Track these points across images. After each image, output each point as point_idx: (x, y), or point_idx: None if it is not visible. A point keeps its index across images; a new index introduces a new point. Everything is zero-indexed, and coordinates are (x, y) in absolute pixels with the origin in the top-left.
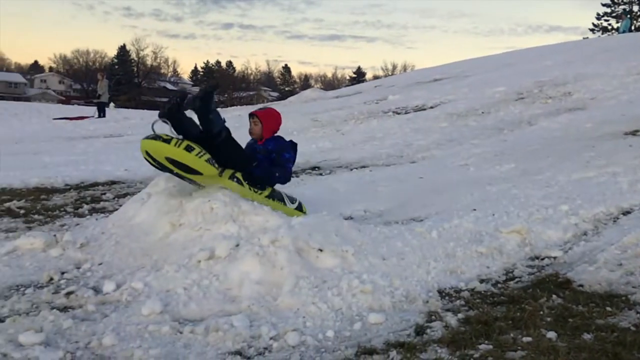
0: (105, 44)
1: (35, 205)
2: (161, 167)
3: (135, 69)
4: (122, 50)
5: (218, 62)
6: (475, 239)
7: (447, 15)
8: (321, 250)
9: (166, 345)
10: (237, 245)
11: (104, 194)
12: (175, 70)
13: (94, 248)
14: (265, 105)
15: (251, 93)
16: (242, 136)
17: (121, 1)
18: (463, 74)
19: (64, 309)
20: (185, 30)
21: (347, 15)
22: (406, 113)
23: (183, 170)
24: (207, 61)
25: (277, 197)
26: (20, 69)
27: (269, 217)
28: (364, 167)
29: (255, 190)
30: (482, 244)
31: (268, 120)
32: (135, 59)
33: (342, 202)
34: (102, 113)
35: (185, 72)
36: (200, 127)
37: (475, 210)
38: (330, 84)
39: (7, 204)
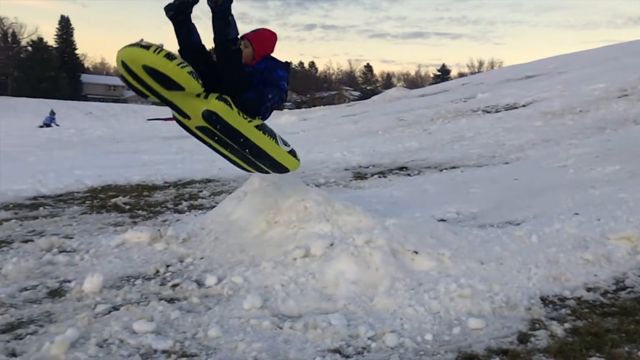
0: None
1: (139, 201)
2: (140, 83)
3: None
4: None
5: (301, 63)
6: (579, 245)
7: (536, 8)
8: (416, 253)
9: (267, 339)
10: (332, 245)
11: (201, 191)
12: None
13: (195, 243)
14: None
15: (333, 93)
16: (323, 139)
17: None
18: (557, 70)
19: (171, 300)
20: None
21: (431, 12)
22: (497, 112)
23: (162, 85)
24: (290, 62)
25: (267, 131)
26: (118, 73)
27: (361, 217)
28: (454, 167)
29: (245, 117)
30: (588, 250)
31: (259, 41)
32: None
33: (433, 203)
34: None
35: None
36: (214, 31)
37: (577, 214)
38: (413, 82)
39: (113, 200)
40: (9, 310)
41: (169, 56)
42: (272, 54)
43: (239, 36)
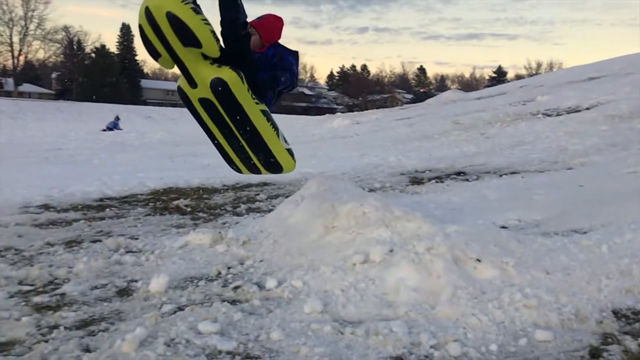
0: None
1: (199, 204)
2: (157, 35)
3: None
4: None
5: (353, 66)
6: None
7: (601, 6)
8: (479, 261)
9: (329, 344)
10: (391, 251)
11: (258, 194)
12: (312, 76)
13: (255, 245)
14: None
15: (385, 95)
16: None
17: (264, 11)
18: (623, 72)
19: (233, 302)
20: (323, 37)
21: (487, 13)
22: (558, 115)
23: (181, 38)
24: (343, 65)
25: (271, 120)
26: (176, 78)
27: (421, 224)
28: (514, 173)
29: (253, 97)
30: None
31: (265, 27)
32: None
33: (494, 210)
34: None
35: (321, 77)
36: (221, 16)
37: None
38: (468, 84)
39: (175, 202)
40: (81, 307)
41: (195, 10)
42: (280, 41)
43: (247, 20)
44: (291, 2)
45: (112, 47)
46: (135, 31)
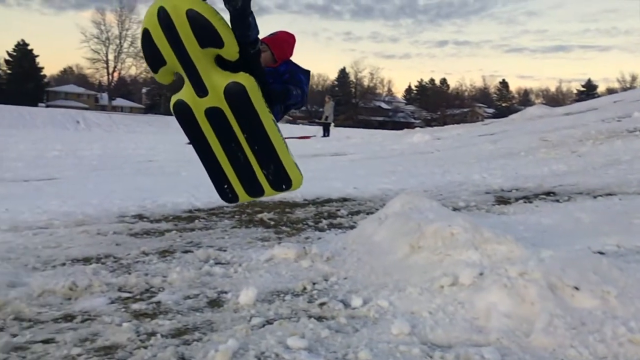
0: (327, 67)
1: (282, 218)
2: (170, 38)
3: (353, 90)
4: (342, 72)
5: (432, 80)
6: None
7: None
8: (577, 289)
9: None
10: (481, 274)
11: (338, 210)
12: (389, 90)
13: (339, 262)
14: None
15: (465, 110)
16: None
17: (342, 27)
18: None
19: (320, 319)
20: (401, 50)
21: (576, 24)
22: None
23: (200, 38)
24: (421, 79)
25: (281, 132)
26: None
27: (513, 247)
28: (610, 194)
29: (267, 107)
30: None
31: (277, 45)
32: (354, 80)
33: (588, 234)
34: (326, 132)
35: (399, 92)
36: (235, 29)
37: None
38: (553, 98)
39: (259, 215)
40: (176, 316)
41: (214, 11)
42: (292, 58)
43: (259, 38)
44: (370, 16)
45: None
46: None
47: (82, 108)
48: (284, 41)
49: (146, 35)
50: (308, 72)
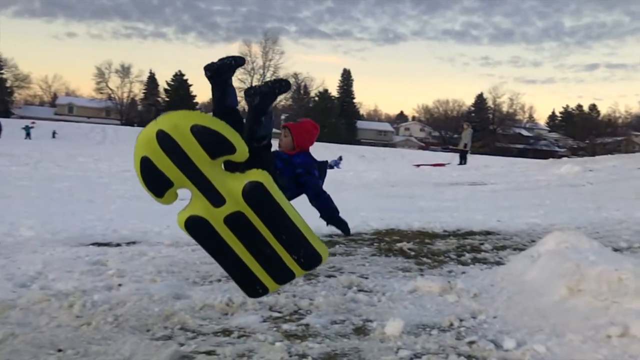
0: (463, 93)
1: (422, 249)
2: (176, 159)
3: (491, 116)
4: (479, 98)
5: (579, 106)
6: None
7: None
8: None
9: None
10: None
11: (482, 243)
12: (531, 116)
13: (486, 300)
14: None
15: (618, 138)
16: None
17: (480, 52)
18: None
19: (469, 357)
20: (544, 75)
21: None
22: None
23: (210, 150)
24: (567, 105)
25: (295, 209)
26: (388, 119)
27: None
28: None
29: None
30: None
31: (299, 133)
32: (492, 106)
33: None
34: (463, 160)
35: (541, 118)
36: (246, 122)
37: None
38: None
39: (399, 245)
40: (324, 340)
41: (215, 117)
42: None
43: (269, 133)
44: (510, 40)
45: (334, 91)
46: (355, 76)
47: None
48: (307, 131)
49: (146, 163)
50: (324, 163)
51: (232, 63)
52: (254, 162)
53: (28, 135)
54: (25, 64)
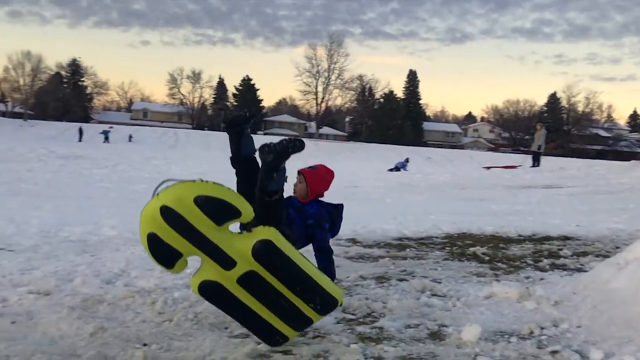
0: (534, 92)
1: (497, 253)
2: (183, 232)
3: (565, 116)
4: (552, 97)
5: None
6: None
7: None
8: None
9: None
10: None
11: (560, 249)
12: (609, 116)
13: (569, 308)
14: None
15: None
16: None
17: (552, 49)
18: None
19: None
20: (624, 72)
21: None
22: None
23: (216, 218)
24: (342, 204)
25: (307, 258)
26: (456, 120)
27: None
28: None
29: (290, 245)
30: None
31: (313, 180)
32: (566, 105)
33: None
34: (536, 162)
35: (621, 117)
36: (259, 176)
37: None
38: None
39: (472, 249)
40: (399, 344)
41: (215, 183)
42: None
43: (281, 188)
44: (586, 37)
45: (399, 92)
46: (421, 77)
47: (293, 136)
48: (321, 178)
49: (153, 239)
50: (339, 207)
51: (246, 114)
52: (265, 215)
53: (106, 139)
54: (103, 71)
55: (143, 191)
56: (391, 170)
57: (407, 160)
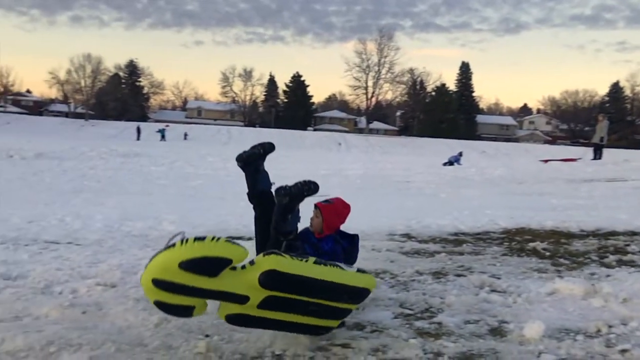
0: (595, 82)
1: (558, 249)
2: (181, 293)
3: (629, 106)
4: (615, 87)
5: None
6: None
7: None
8: None
9: None
10: None
11: (628, 245)
12: None
13: (639, 306)
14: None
15: None
16: None
17: (614, 36)
18: None
19: None
20: None
21: None
22: None
23: (207, 273)
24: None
25: (327, 263)
26: (511, 112)
27: None
28: None
29: (299, 258)
30: None
31: (329, 214)
32: (629, 95)
33: None
34: (598, 155)
35: None
36: (274, 216)
37: None
38: None
39: (532, 244)
40: (459, 339)
41: (198, 239)
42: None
43: (295, 229)
44: (614, 27)
45: (451, 85)
46: (474, 69)
47: (343, 131)
48: (337, 212)
49: (161, 305)
50: (355, 238)
51: (261, 152)
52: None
53: (163, 137)
54: (159, 71)
55: (200, 187)
56: (445, 164)
57: (460, 154)
